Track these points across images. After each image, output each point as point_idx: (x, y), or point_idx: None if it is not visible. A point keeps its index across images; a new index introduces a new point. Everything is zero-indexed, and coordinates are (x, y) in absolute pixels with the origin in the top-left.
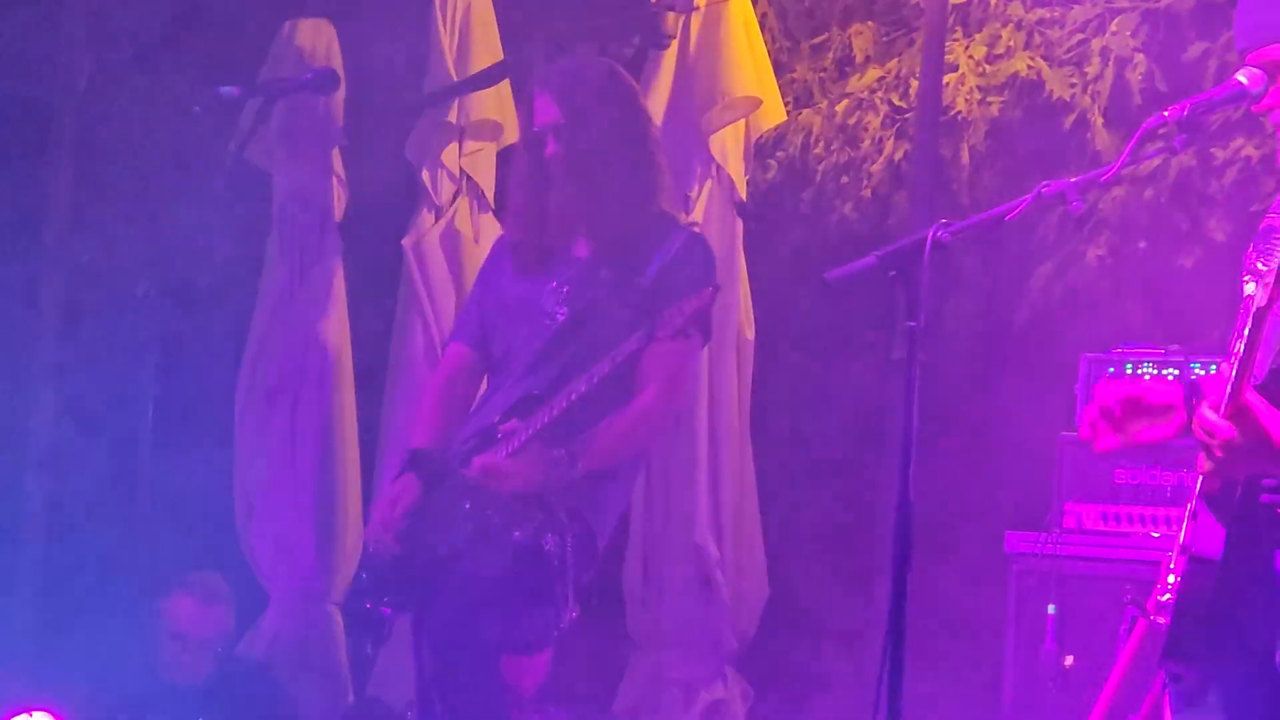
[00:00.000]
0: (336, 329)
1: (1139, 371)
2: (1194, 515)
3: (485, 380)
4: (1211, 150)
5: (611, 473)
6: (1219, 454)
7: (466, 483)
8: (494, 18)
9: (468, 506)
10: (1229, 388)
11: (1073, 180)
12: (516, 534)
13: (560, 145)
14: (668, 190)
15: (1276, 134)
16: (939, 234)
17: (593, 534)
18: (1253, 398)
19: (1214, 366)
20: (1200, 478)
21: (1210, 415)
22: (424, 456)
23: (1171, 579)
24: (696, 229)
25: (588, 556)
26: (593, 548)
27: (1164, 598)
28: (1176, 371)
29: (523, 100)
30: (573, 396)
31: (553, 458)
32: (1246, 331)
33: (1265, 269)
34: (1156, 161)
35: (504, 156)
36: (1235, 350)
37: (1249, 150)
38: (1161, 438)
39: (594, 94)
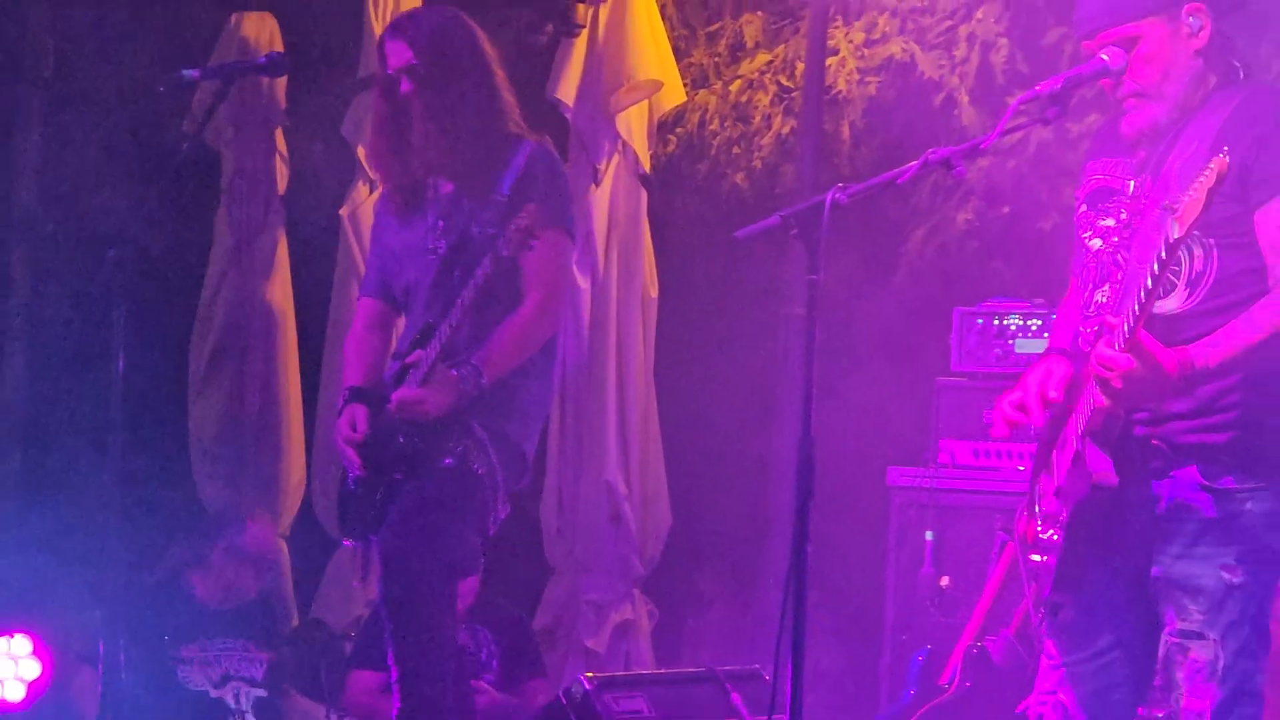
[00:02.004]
0: (280, 291)
1: (1005, 322)
2: (1078, 457)
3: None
4: (1067, 125)
5: (522, 379)
6: (1118, 385)
7: (394, 418)
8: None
9: (401, 440)
10: (1125, 325)
11: (957, 148)
12: (447, 461)
13: (414, 83)
14: (513, 113)
15: (1123, 104)
16: (837, 196)
17: (519, 445)
18: (1144, 335)
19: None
20: (1083, 420)
21: (1109, 352)
22: (362, 391)
23: (1046, 530)
24: (542, 141)
25: (518, 468)
26: (521, 459)
27: (1047, 535)
28: (1040, 321)
29: (376, 49)
30: (460, 314)
31: (459, 376)
32: (1155, 267)
33: (1174, 207)
34: (1018, 136)
35: None
36: (1094, 299)
37: (1098, 122)
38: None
39: (440, 35)
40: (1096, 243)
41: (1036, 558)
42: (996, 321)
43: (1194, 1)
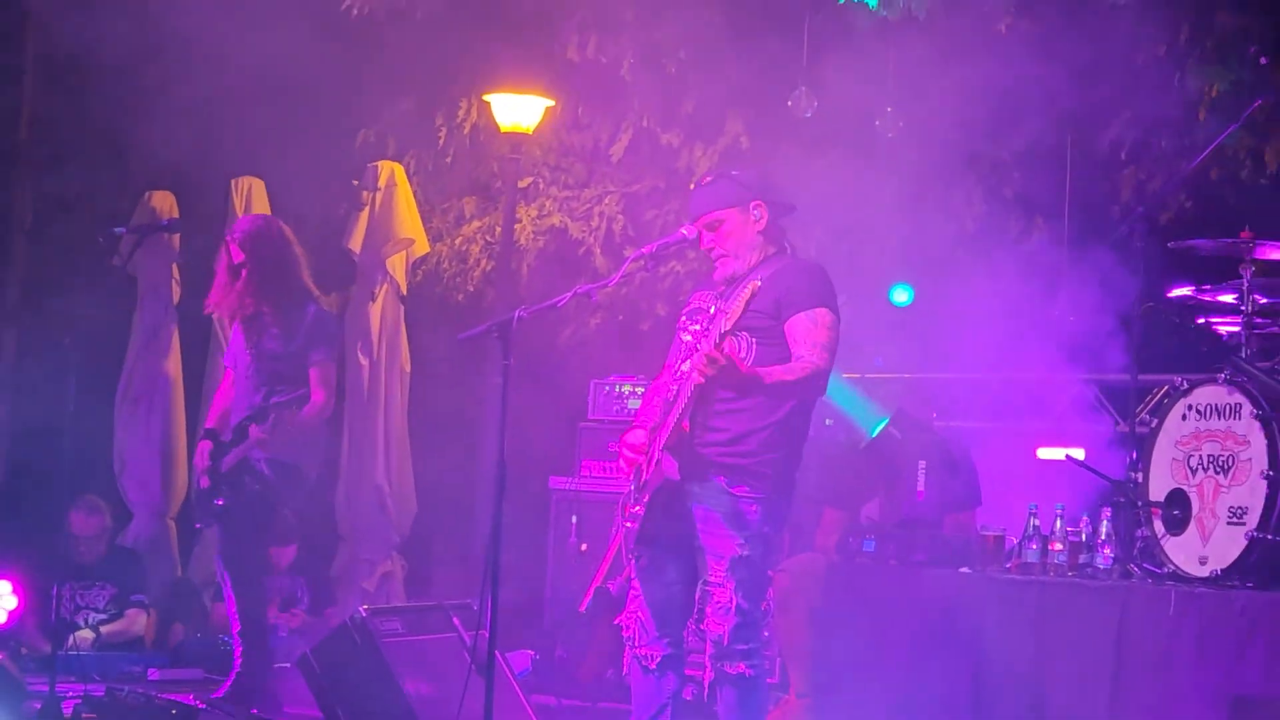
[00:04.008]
0: (174, 364)
1: (620, 390)
2: (659, 462)
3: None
4: (660, 269)
5: (299, 441)
6: (711, 372)
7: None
8: (265, 193)
9: (222, 471)
10: (689, 394)
11: (594, 284)
12: (256, 486)
13: (247, 270)
14: (307, 279)
15: (715, 261)
16: (521, 313)
17: (299, 467)
18: (729, 343)
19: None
20: (663, 439)
21: (707, 349)
22: (211, 432)
23: (635, 507)
24: (318, 300)
25: (295, 481)
26: (300, 475)
27: (635, 509)
28: (642, 389)
29: (222, 243)
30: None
31: (274, 436)
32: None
33: (726, 309)
34: (632, 275)
35: None
36: (681, 368)
37: (677, 268)
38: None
39: (260, 238)
40: (687, 337)
41: (628, 524)
42: (616, 388)
43: (757, 201)
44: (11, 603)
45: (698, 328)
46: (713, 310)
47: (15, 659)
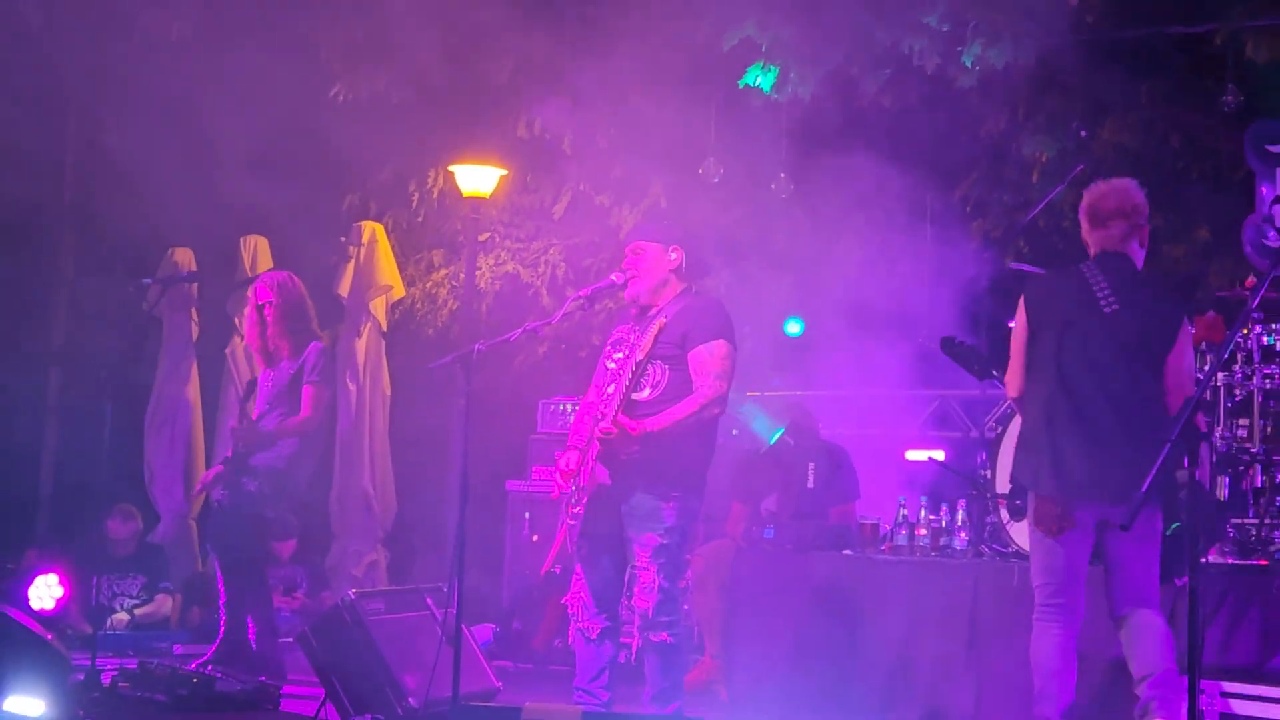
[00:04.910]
0: (193, 391)
1: (564, 408)
2: (594, 469)
3: None
4: (595, 307)
5: (290, 449)
6: (613, 434)
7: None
8: (268, 248)
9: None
10: (615, 409)
11: (540, 321)
12: (251, 486)
13: (271, 309)
14: (314, 321)
15: (628, 280)
16: (480, 346)
17: (288, 474)
18: (622, 417)
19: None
20: (595, 453)
21: (604, 425)
22: (228, 460)
23: (577, 507)
24: (320, 338)
25: (284, 486)
26: (288, 480)
27: (576, 509)
28: (577, 405)
29: (250, 290)
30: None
31: (242, 429)
32: (631, 374)
33: (639, 342)
34: (571, 314)
35: None
36: (606, 390)
37: (610, 305)
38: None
39: (285, 286)
40: (611, 364)
41: (571, 521)
42: (561, 406)
43: (675, 245)
44: (59, 591)
45: (621, 355)
46: (631, 339)
47: (62, 639)
